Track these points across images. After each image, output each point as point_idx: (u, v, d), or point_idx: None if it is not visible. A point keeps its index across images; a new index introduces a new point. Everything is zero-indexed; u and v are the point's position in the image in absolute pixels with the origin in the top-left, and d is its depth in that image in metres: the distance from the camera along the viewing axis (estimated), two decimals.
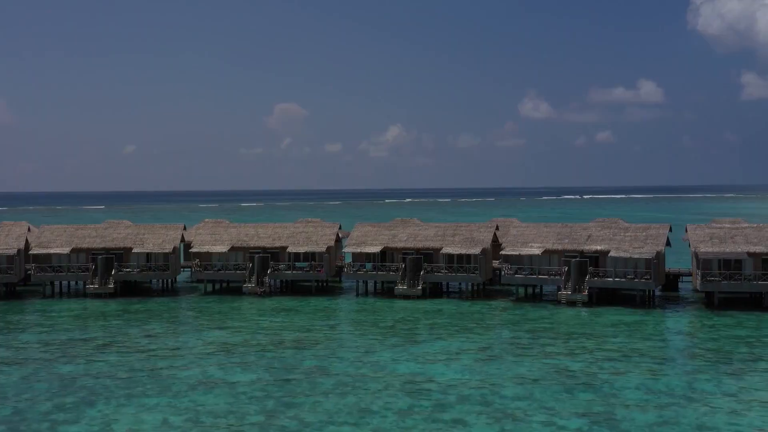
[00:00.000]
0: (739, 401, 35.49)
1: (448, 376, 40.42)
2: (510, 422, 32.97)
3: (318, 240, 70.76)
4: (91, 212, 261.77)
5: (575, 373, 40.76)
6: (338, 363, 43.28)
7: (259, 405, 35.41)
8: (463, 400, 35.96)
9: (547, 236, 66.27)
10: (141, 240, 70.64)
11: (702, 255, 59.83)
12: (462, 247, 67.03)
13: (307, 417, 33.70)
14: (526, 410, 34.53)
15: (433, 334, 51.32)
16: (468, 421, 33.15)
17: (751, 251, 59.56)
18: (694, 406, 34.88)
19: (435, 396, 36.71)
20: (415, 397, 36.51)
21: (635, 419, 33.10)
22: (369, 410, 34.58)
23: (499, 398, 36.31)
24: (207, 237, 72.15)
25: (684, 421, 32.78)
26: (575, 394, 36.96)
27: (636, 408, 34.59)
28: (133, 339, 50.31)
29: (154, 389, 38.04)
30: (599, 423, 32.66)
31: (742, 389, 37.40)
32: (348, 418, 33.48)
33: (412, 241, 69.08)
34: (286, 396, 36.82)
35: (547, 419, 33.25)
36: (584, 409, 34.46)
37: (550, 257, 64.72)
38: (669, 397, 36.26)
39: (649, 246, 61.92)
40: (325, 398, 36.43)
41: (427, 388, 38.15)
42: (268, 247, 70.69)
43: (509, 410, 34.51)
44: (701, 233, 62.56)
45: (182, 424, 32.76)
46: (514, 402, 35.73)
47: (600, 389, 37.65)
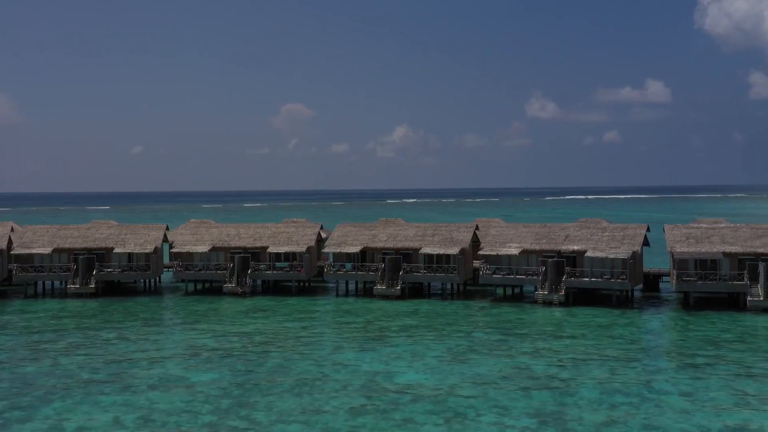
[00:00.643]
0: (693, 401, 35.51)
1: (408, 376, 40.56)
2: (459, 422, 33.06)
3: (299, 240, 71.00)
4: (93, 213, 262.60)
5: (536, 373, 40.84)
6: (302, 363, 43.46)
7: (214, 405, 35.59)
8: (418, 400, 36.07)
9: (525, 236, 66.33)
10: (123, 240, 71.01)
11: (677, 255, 59.81)
12: (441, 247, 67.15)
13: (258, 417, 33.87)
14: (478, 410, 34.61)
15: (402, 334, 51.45)
16: (417, 420, 33.26)
17: (727, 251, 59.51)
18: (645, 406, 34.90)
19: (391, 396, 36.84)
20: (370, 397, 36.64)
21: (584, 419, 33.15)
22: (321, 410, 34.71)
23: (453, 398, 36.39)
24: (188, 237, 72.48)
25: (632, 421, 32.80)
26: (531, 394, 37.02)
27: (588, 408, 34.63)
28: (103, 339, 50.61)
29: (112, 388, 38.27)
30: (547, 423, 32.71)
31: (698, 389, 37.40)
32: (298, 418, 33.64)
33: (391, 241, 69.23)
34: (243, 396, 36.99)
35: (497, 419, 33.34)
36: (536, 410, 34.52)
37: (528, 257, 64.78)
38: (623, 396, 36.29)
39: (626, 246, 61.91)
40: (280, 398, 36.60)
41: (385, 387, 38.28)
42: (249, 247, 70.97)
43: (461, 410, 34.60)
44: (678, 233, 62.51)
45: (132, 423, 32.96)
46: (467, 402, 35.81)
47: (557, 389, 37.70)
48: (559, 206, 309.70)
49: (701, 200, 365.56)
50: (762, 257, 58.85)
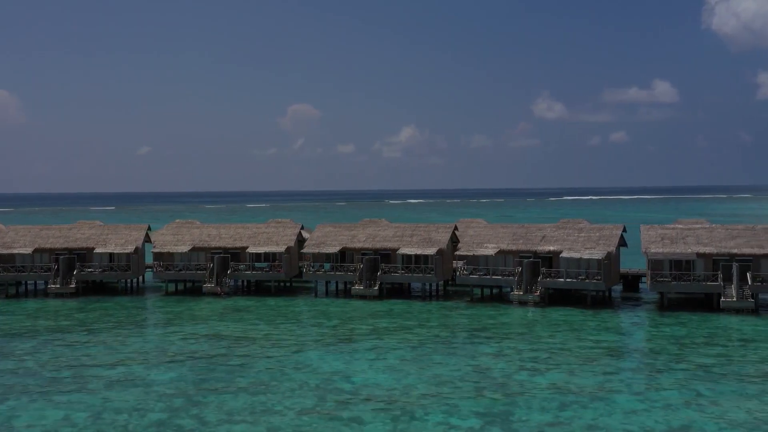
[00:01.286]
0: (644, 401, 35.55)
1: (366, 376, 40.71)
2: (406, 421, 33.19)
3: (278, 240, 71.26)
4: (94, 213, 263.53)
5: (494, 373, 40.93)
6: (264, 363, 43.69)
7: (166, 403, 35.84)
8: (370, 400, 36.22)
9: (502, 237, 66.39)
10: (104, 240, 71.42)
11: (651, 255, 59.79)
12: (419, 247, 67.28)
13: (207, 416, 34.09)
14: (427, 410, 34.72)
15: (371, 334, 51.63)
16: (365, 419, 33.42)
17: (701, 252, 59.44)
18: (595, 405, 34.98)
19: (344, 396, 36.99)
20: (323, 397, 36.82)
21: (530, 419, 33.24)
22: (271, 409, 34.91)
23: (406, 398, 36.51)
24: (169, 238, 72.84)
25: (577, 421, 32.88)
26: (484, 394, 37.12)
27: (537, 408, 34.71)
28: (73, 339, 50.96)
29: (70, 387, 38.58)
30: (493, 423, 32.82)
31: (651, 389, 37.46)
32: (246, 417, 33.84)
33: (370, 242, 69.38)
34: (197, 395, 37.22)
35: (443, 419, 33.46)
36: (485, 410, 34.63)
37: (505, 257, 64.84)
38: (575, 396, 36.37)
39: (601, 247, 61.91)
40: (234, 397, 36.81)
41: (340, 388, 38.43)
42: (229, 248, 71.28)
43: (410, 409, 34.73)
44: (653, 234, 62.46)
45: (81, 421, 33.25)
46: (418, 402, 35.93)
47: (511, 389, 37.80)
48: (560, 207, 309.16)
49: (706, 201, 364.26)
50: (736, 258, 58.77)
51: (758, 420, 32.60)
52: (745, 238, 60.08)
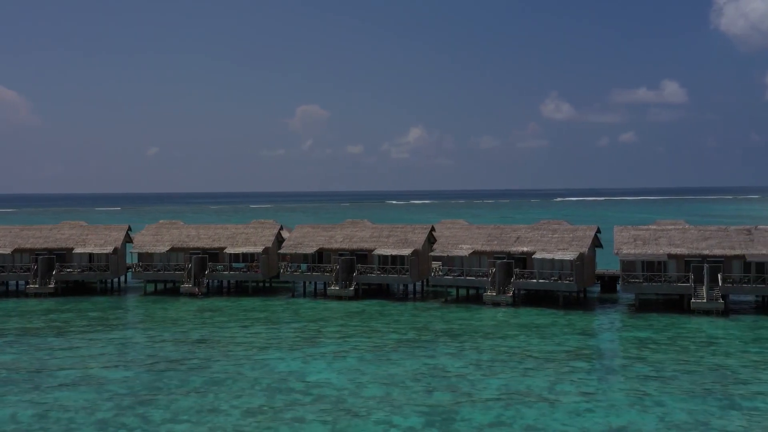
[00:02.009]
0: (589, 401, 35.62)
1: (321, 375, 40.92)
2: (347, 421, 33.36)
3: (256, 241, 71.59)
4: (97, 214, 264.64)
5: (449, 373, 41.06)
6: (222, 362, 43.92)
7: (115, 402, 36.13)
8: (318, 400, 36.40)
9: (477, 237, 66.50)
10: (83, 240, 71.91)
11: (622, 257, 59.80)
12: (394, 248, 67.46)
13: (153, 415, 34.34)
14: (372, 409, 34.88)
15: (337, 335, 51.84)
16: (306, 419, 33.59)
17: (672, 253, 59.39)
18: (539, 406, 35.07)
19: (293, 395, 37.19)
20: (272, 396, 37.03)
21: (473, 419, 33.38)
22: (218, 409, 35.11)
23: (353, 398, 36.68)
24: (149, 238, 73.26)
25: (519, 422, 32.98)
26: (432, 393, 37.27)
27: (482, 408, 34.85)
28: (39, 337, 51.39)
29: (24, 386, 38.90)
30: (434, 422, 32.96)
31: (600, 390, 37.51)
32: (191, 417, 34.07)
33: (347, 242, 69.61)
34: (148, 394, 37.51)
35: (385, 418, 33.62)
36: (430, 409, 34.75)
37: (480, 258, 64.91)
38: (522, 397, 36.47)
39: (574, 248, 61.94)
40: (185, 397, 37.07)
41: (291, 387, 38.63)
42: (207, 248, 71.65)
43: (355, 409, 34.90)
44: (626, 235, 62.44)
45: (27, 419, 33.60)
46: (365, 401, 36.10)
47: (460, 389, 37.92)
48: (560, 208, 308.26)
49: (710, 201, 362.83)
50: (708, 259, 58.71)
51: (698, 421, 32.64)
52: (716, 239, 60.00)
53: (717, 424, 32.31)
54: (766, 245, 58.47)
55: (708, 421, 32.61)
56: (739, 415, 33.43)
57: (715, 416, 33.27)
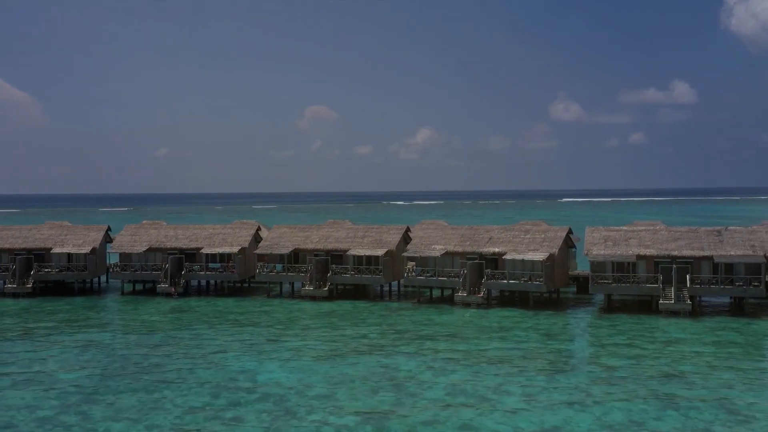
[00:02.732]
0: (529, 401, 35.65)
1: (271, 375, 41.13)
2: (285, 420, 33.51)
3: (233, 241, 71.91)
4: (101, 215, 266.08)
5: (399, 373, 41.19)
6: (179, 362, 44.23)
7: (60, 401, 36.45)
8: (262, 399, 36.60)
9: (450, 238, 66.59)
10: (61, 241, 72.44)
11: (591, 257, 59.76)
12: (369, 248, 67.63)
13: (94, 413, 34.62)
14: (312, 409, 35.03)
15: (299, 334, 52.08)
16: (246, 419, 33.78)
17: (641, 254, 59.30)
18: (480, 405, 35.14)
19: (238, 394, 37.42)
20: (217, 395, 37.26)
21: (407, 418, 33.48)
22: (160, 408, 35.36)
23: (297, 397, 36.86)
24: (127, 238, 73.71)
25: (453, 420, 33.05)
26: (378, 393, 37.40)
27: (420, 407, 34.94)
28: (3, 337, 51.81)
29: None
30: (369, 421, 33.11)
31: (543, 390, 37.52)
32: (131, 415, 34.36)
33: (322, 243, 69.85)
34: (94, 393, 37.79)
35: (322, 418, 33.77)
36: (369, 409, 34.89)
37: (453, 259, 64.99)
38: (465, 397, 36.55)
39: (544, 248, 61.93)
40: (130, 395, 37.36)
41: (240, 386, 38.85)
42: (184, 248, 72.02)
43: (295, 409, 35.06)
44: (597, 236, 62.37)
45: None
46: (308, 401, 36.25)
47: (405, 389, 38.02)
48: (561, 209, 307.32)
49: (718, 203, 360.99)
50: (677, 260, 58.60)
51: (632, 422, 32.64)
52: (686, 240, 59.87)
53: (651, 425, 32.29)
54: (735, 246, 58.30)
55: (643, 422, 32.62)
56: (675, 415, 33.40)
57: (651, 417, 33.26)
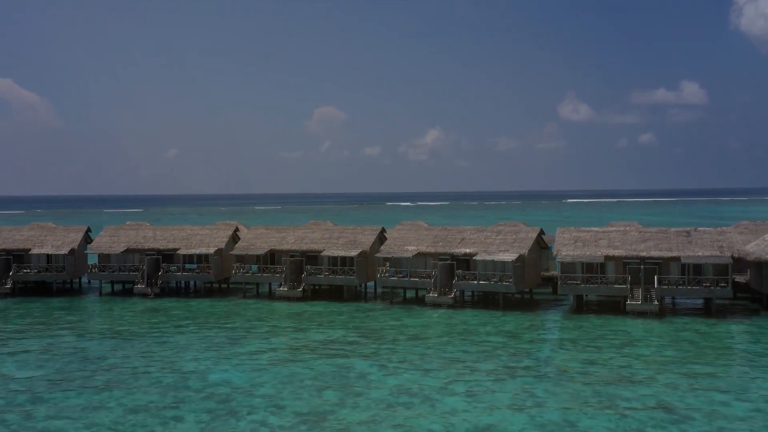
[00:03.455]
0: (471, 402, 35.70)
1: (223, 375, 41.36)
2: (224, 420, 33.77)
3: (209, 242, 72.33)
4: (106, 216, 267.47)
5: (349, 373, 41.39)
6: (137, 361, 44.61)
7: (7, 400, 36.82)
8: (207, 398, 36.86)
9: (424, 239, 66.78)
10: (40, 242, 73.08)
11: (560, 258, 59.84)
12: (343, 249, 67.90)
13: (38, 412, 34.99)
14: (253, 409, 35.28)
15: (264, 335, 52.38)
16: (186, 419, 34.05)
17: (610, 254, 59.33)
18: (421, 405, 35.25)
19: (184, 394, 37.70)
20: (163, 395, 37.54)
21: (347, 418, 33.69)
22: (104, 406, 35.70)
23: (243, 397, 37.13)
24: (106, 239, 74.26)
25: (390, 420, 33.21)
26: (323, 394, 37.62)
27: (362, 407, 35.10)
28: None
29: None
30: (307, 421, 33.31)
31: (488, 391, 37.59)
32: (73, 413, 34.72)
33: (298, 244, 70.18)
34: (45, 392, 38.16)
35: (262, 418, 33.98)
36: (310, 410, 35.04)
37: (426, 259, 65.16)
38: (408, 397, 36.70)
39: (515, 249, 62.03)
40: (78, 394, 37.72)
41: (189, 386, 39.13)
42: (162, 249, 72.49)
43: (237, 409, 35.33)
44: (567, 236, 62.43)
45: None
46: (252, 401, 36.51)
47: (352, 390, 38.20)
48: (565, 209, 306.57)
49: (724, 203, 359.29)
50: (645, 261, 58.60)
51: (567, 422, 32.75)
52: (655, 241, 59.86)
53: (584, 424, 32.39)
54: (703, 247, 58.26)
55: (577, 422, 32.73)
56: (611, 416, 33.48)
57: (586, 417, 33.36)
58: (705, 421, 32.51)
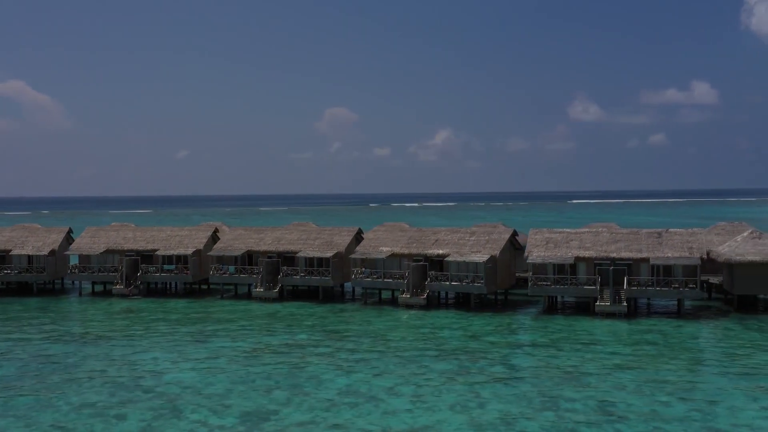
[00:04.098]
0: (415, 402, 35.75)
1: (178, 375, 41.62)
2: (166, 419, 33.97)
3: (188, 243, 72.73)
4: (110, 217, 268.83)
5: (303, 374, 41.58)
6: (95, 361, 44.95)
7: None
8: (155, 398, 37.10)
9: (398, 240, 66.93)
10: (22, 243, 73.70)
11: (531, 259, 59.86)
12: (318, 250, 68.14)
13: None
14: (198, 408, 35.52)
15: (230, 335, 52.63)
16: (129, 417, 34.33)
17: (580, 256, 59.32)
18: (365, 405, 35.36)
19: (134, 393, 37.97)
20: (113, 394, 37.77)
21: (288, 418, 33.89)
22: (52, 405, 36.00)
23: (191, 396, 37.33)
24: (86, 240, 74.83)
25: (330, 420, 33.33)
26: (271, 393, 37.85)
27: (304, 408, 35.23)
28: None
29: None
30: (247, 422, 33.49)
31: (434, 391, 37.58)
32: (18, 412, 35.02)
33: (275, 245, 70.49)
34: None
35: (204, 418, 34.19)
36: (256, 408, 35.33)
37: (400, 260, 65.30)
38: (355, 397, 36.85)
39: (487, 250, 62.10)
40: (29, 394, 38.03)
41: (140, 385, 39.38)
42: (141, 250, 72.94)
43: (182, 408, 35.55)
44: (539, 238, 62.43)
45: None
46: (200, 400, 36.75)
47: (301, 389, 38.38)
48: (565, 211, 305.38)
49: (731, 204, 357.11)
50: (615, 262, 58.54)
51: (504, 422, 32.82)
52: (626, 243, 59.80)
53: (521, 425, 32.46)
54: (673, 248, 58.15)
55: (513, 423, 32.80)
56: (550, 416, 33.54)
57: (524, 417, 33.43)
58: (641, 421, 32.55)
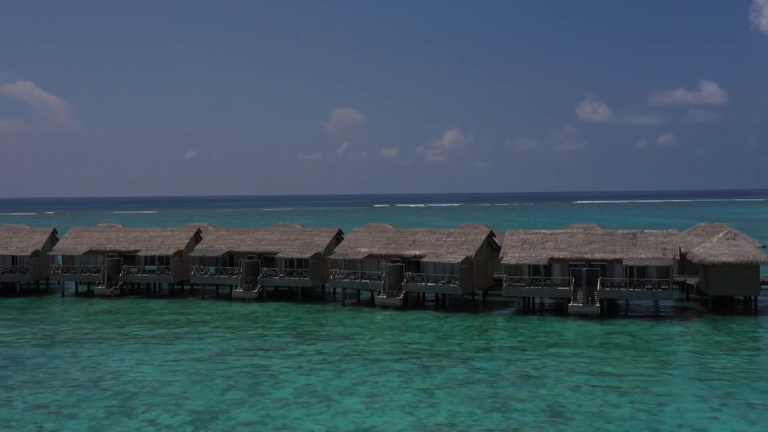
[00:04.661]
0: (370, 402, 35.80)
1: (138, 374, 41.87)
2: (116, 417, 34.24)
3: (170, 244, 73.07)
4: (114, 217, 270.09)
5: (264, 372, 41.77)
6: (60, 361, 45.25)
7: None
8: (110, 397, 37.35)
9: (377, 241, 67.07)
10: (5, 243, 74.22)
11: (505, 260, 59.89)
12: (298, 251, 68.37)
13: None
14: (151, 406, 35.74)
15: (201, 336, 52.89)
16: (82, 415, 34.56)
17: (555, 257, 59.32)
18: (319, 405, 35.49)
19: (91, 392, 38.20)
20: (70, 394, 38.07)
21: (237, 417, 34.03)
22: (7, 405, 36.26)
23: (147, 396, 37.54)
24: (70, 240, 75.30)
25: (278, 421, 33.48)
26: (227, 393, 38.04)
27: (258, 407, 35.41)
28: None
29: None
30: (198, 421, 33.66)
31: (389, 391, 37.74)
32: None
33: (255, 246, 70.75)
34: None
35: (154, 416, 34.44)
36: (207, 407, 35.53)
37: (378, 261, 65.45)
38: (308, 397, 36.99)
39: (463, 251, 62.17)
40: None
41: (100, 385, 39.64)
42: (123, 251, 73.34)
43: (135, 407, 35.75)
44: (515, 239, 62.45)
45: None
46: (154, 400, 36.96)
47: (258, 389, 38.56)
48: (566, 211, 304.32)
49: (737, 204, 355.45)
50: (590, 263, 58.52)
51: (450, 423, 32.89)
52: (600, 243, 59.76)
53: (465, 425, 32.54)
54: (647, 249, 58.08)
55: (460, 423, 32.87)
56: (498, 417, 33.61)
57: (472, 419, 33.46)
58: (585, 422, 32.59)
